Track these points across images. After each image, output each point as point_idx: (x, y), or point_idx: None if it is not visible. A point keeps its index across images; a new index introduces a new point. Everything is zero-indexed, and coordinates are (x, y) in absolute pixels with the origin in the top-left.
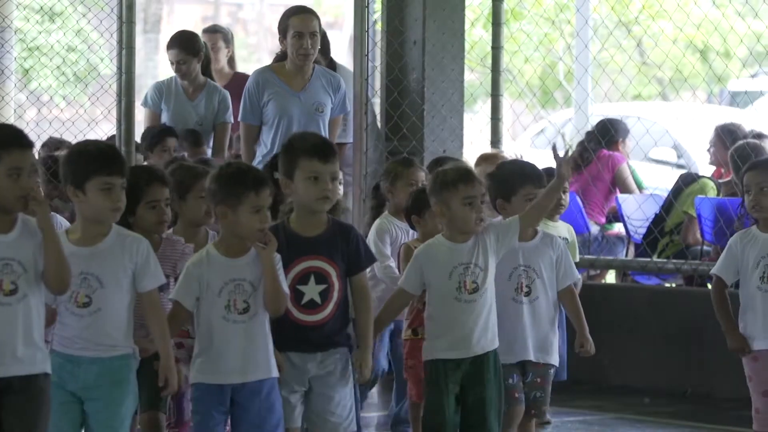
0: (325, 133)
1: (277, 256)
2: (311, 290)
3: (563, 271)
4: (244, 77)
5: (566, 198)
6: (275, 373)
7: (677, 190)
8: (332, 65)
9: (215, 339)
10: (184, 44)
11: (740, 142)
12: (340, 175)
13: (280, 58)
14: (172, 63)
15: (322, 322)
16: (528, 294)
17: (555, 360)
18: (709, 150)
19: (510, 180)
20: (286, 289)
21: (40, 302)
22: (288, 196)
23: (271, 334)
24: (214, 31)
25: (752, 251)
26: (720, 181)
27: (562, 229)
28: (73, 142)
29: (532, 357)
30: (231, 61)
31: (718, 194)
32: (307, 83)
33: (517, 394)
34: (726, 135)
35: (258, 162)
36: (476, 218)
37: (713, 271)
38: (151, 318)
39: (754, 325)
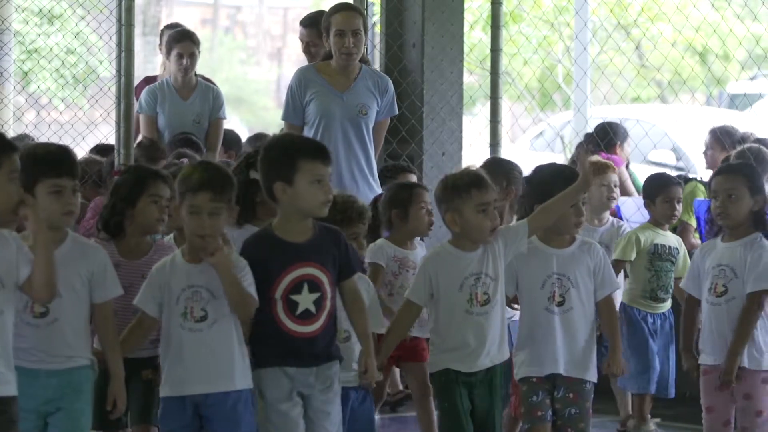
0: (368, 136)
1: (243, 261)
2: (305, 299)
3: (601, 280)
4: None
5: (680, 208)
6: (243, 386)
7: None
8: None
9: (173, 348)
10: (193, 38)
11: (745, 145)
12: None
13: (327, 56)
14: (181, 56)
15: (317, 333)
16: (561, 304)
17: (590, 375)
18: (705, 153)
19: (549, 184)
20: (253, 292)
21: (12, 318)
22: (281, 202)
23: (265, 349)
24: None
25: (708, 261)
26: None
27: (671, 238)
28: (72, 144)
29: (561, 370)
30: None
31: (708, 197)
32: (352, 84)
33: (540, 413)
34: (724, 137)
35: None
36: (491, 226)
37: (682, 285)
38: (103, 331)
39: (702, 339)
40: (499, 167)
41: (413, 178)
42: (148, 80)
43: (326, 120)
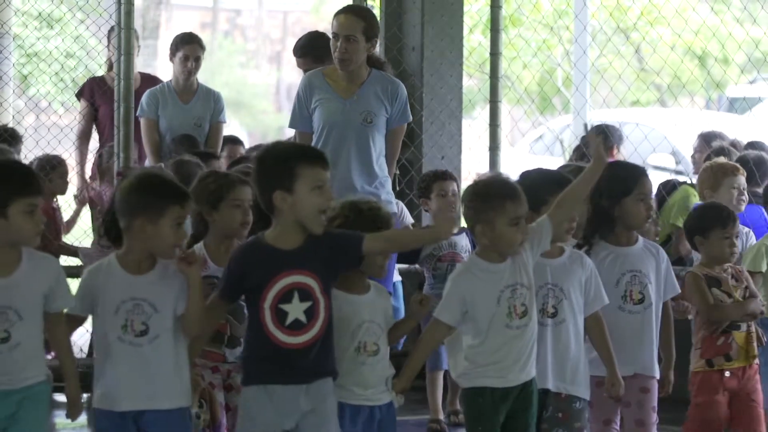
0: (373, 146)
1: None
2: (295, 309)
3: (592, 294)
4: (151, 78)
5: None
6: (178, 404)
7: (660, 201)
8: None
9: (112, 360)
10: (201, 42)
11: (744, 152)
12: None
13: None
14: (187, 58)
15: (310, 343)
16: (554, 316)
17: (581, 392)
18: (693, 156)
19: (538, 189)
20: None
21: None
22: (281, 211)
23: (254, 364)
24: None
25: (610, 267)
26: None
27: None
28: (72, 148)
29: (550, 386)
30: None
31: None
32: (358, 89)
33: None
34: (712, 141)
35: None
36: (522, 240)
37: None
38: (57, 341)
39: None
40: None
41: (453, 186)
42: (95, 81)
43: (329, 128)
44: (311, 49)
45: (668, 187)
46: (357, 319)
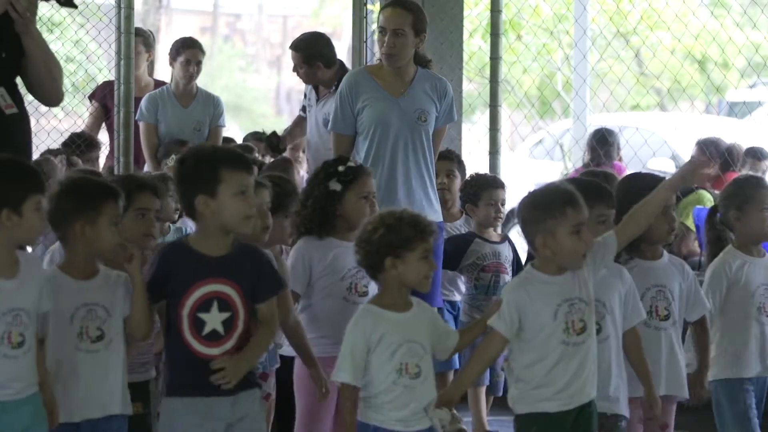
0: (428, 145)
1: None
2: (213, 319)
3: (631, 308)
4: (164, 84)
5: None
6: (130, 410)
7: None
8: None
9: (64, 370)
10: (201, 47)
11: (744, 173)
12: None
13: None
14: (188, 62)
15: (227, 354)
16: (598, 332)
17: (624, 410)
18: None
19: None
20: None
21: None
22: (204, 216)
23: (175, 375)
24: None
25: (635, 281)
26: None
27: None
28: (71, 151)
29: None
30: (150, 66)
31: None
32: (408, 87)
33: None
34: (709, 148)
35: None
36: (585, 251)
37: (632, 323)
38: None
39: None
40: None
41: (503, 195)
42: (108, 84)
43: (382, 128)
44: (305, 47)
45: (686, 189)
46: (396, 338)
